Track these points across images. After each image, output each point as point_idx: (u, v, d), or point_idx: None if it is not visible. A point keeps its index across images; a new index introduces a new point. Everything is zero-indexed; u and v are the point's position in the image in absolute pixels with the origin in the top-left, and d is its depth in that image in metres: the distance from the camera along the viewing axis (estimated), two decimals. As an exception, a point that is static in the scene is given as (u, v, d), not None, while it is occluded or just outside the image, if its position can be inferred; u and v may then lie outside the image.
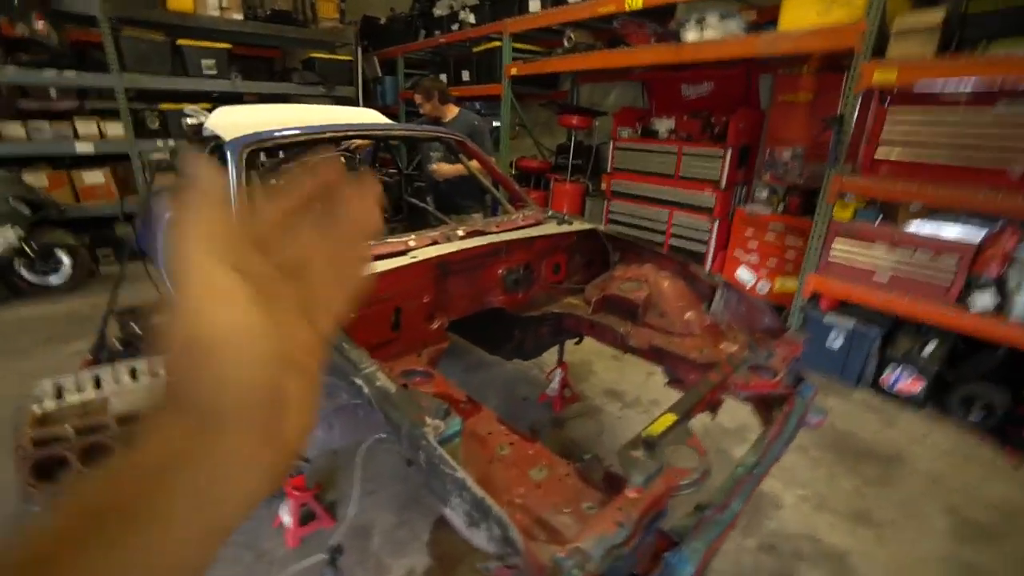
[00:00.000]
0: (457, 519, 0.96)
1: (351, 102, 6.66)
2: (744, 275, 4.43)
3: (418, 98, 3.50)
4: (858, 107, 3.04)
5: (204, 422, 0.27)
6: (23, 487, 1.75)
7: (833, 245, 3.33)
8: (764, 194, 4.53)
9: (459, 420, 1.03)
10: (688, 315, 1.99)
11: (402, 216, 3.23)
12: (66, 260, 4.64)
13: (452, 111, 3.53)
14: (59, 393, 2.04)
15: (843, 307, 3.42)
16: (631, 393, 3.07)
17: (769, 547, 2.06)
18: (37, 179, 4.88)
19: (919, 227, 3.08)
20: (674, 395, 1.98)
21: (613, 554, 0.89)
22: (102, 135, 5.37)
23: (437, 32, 6.15)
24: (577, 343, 2.56)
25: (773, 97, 4.36)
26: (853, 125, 3.09)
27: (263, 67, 8.33)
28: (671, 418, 1.24)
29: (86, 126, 5.29)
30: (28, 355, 3.46)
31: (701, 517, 1.06)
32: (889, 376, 3.21)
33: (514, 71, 4.95)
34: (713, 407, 1.73)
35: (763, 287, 4.31)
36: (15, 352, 3.51)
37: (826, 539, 2.11)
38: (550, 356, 3.17)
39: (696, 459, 1.12)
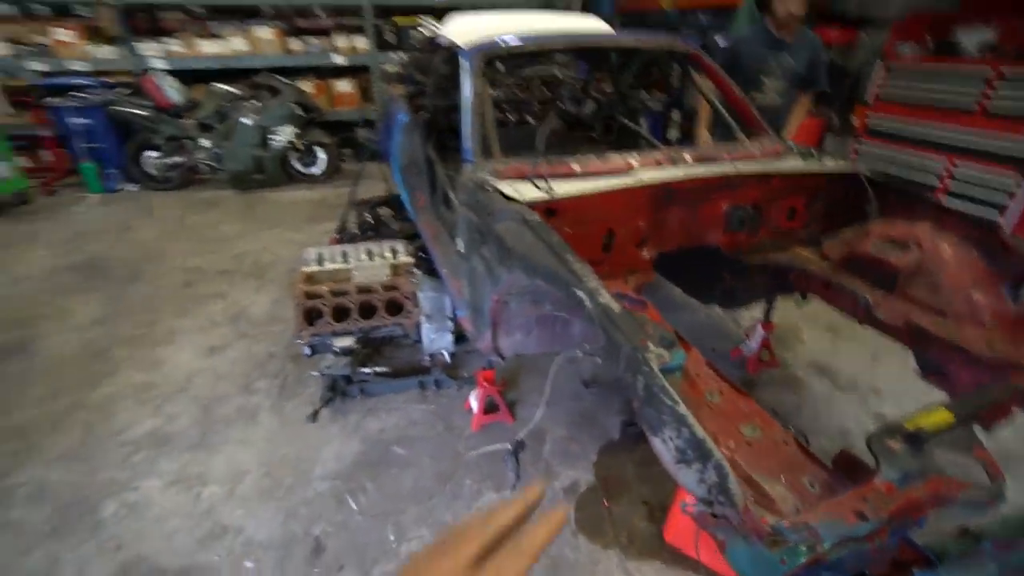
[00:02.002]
0: (666, 453, 0.91)
1: (571, 11, 6.41)
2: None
3: None
4: None
5: None
6: (297, 326, 2.26)
7: None
8: None
9: (683, 353, 0.95)
10: (977, 296, 1.51)
11: (612, 138, 3.07)
12: (322, 156, 5.64)
13: (799, 30, 2.85)
14: (320, 261, 2.53)
15: None
16: (846, 374, 2.60)
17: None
18: (306, 87, 5.87)
19: None
20: (919, 390, 1.60)
21: (847, 546, 0.75)
22: (353, 49, 6.15)
23: (672, -72, 5.40)
24: (803, 298, 2.18)
25: None
26: None
27: (485, -21, 8.48)
28: (946, 415, 0.97)
29: (341, 41, 6.10)
30: (298, 228, 4.40)
31: (975, 547, 0.83)
32: None
33: (763, -29, 4.11)
34: (991, 420, 1.34)
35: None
36: (289, 224, 4.48)
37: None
38: (747, 313, 2.84)
39: (983, 476, 0.86)
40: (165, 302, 3.25)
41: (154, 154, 5.20)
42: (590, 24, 2.75)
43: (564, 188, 1.57)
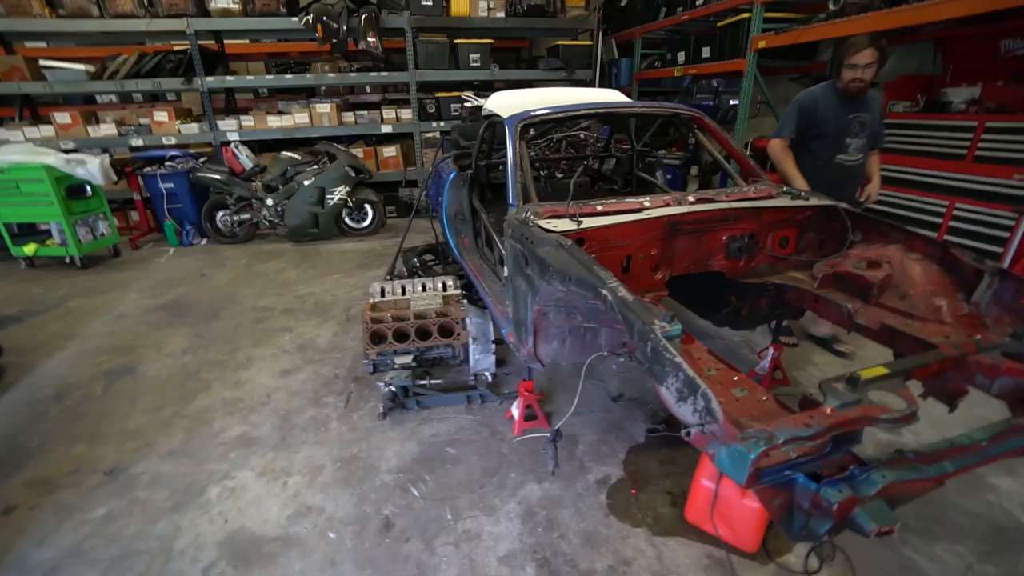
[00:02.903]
0: (669, 396, 1.25)
1: (588, 85, 7.16)
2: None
3: (869, 56, 2.61)
4: None
5: None
6: (365, 346, 2.67)
7: None
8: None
9: (680, 325, 1.30)
10: (938, 301, 1.82)
11: (631, 189, 3.52)
12: (370, 212, 6.30)
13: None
14: (382, 293, 2.98)
15: None
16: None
17: (1013, 578, 1.80)
18: (357, 152, 6.65)
19: None
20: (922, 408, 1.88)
21: (796, 444, 1.07)
22: (397, 119, 6.97)
23: (679, 9, 6.11)
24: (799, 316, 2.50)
25: None
26: None
27: (512, 57, 9.50)
28: (882, 370, 1.29)
29: (388, 113, 6.94)
30: (351, 274, 4.94)
31: (899, 456, 1.13)
32: None
33: (762, 44, 4.67)
34: (952, 397, 1.61)
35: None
36: (343, 271, 5.04)
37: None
38: (763, 338, 3.14)
39: (905, 406, 1.17)
40: (242, 335, 3.74)
41: (225, 212, 5.96)
42: (608, 95, 3.29)
43: (590, 222, 1.98)
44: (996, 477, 2.22)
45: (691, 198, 2.22)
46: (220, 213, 5.98)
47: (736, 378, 1.45)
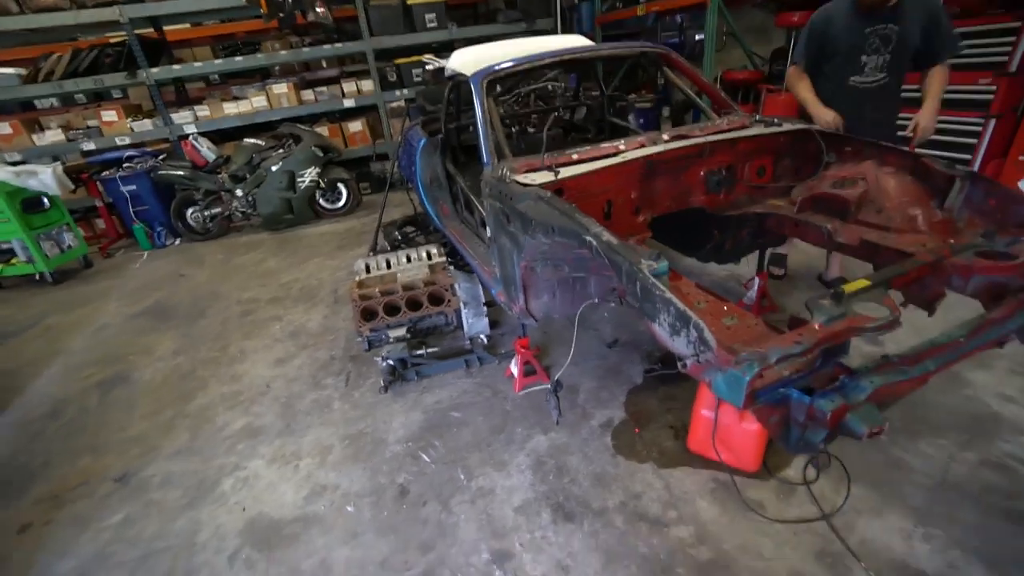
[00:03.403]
0: (663, 332, 1.27)
1: (550, 33, 6.93)
2: (1028, 189, 3.55)
3: None
4: None
5: None
6: (357, 325, 2.67)
7: None
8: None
9: (667, 262, 1.31)
10: (913, 211, 1.85)
11: (604, 136, 3.47)
12: (344, 191, 6.15)
13: None
14: (368, 269, 2.96)
15: None
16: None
17: (996, 464, 1.91)
18: (322, 131, 6.43)
19: None
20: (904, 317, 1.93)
21: (788, 362, 1.10)
22: (359, 91, 6.71)
23: (637, -56, 5.88)
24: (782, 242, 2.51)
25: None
26: None
27: (470, 13, 9.12)
28: (865, 283, 1.32)
29: (348, 86, 6.67)
30: (332, 256, 4.86)
31: (885, 361, 1.18)
32: None
33: (723, -29, 4.54)
34: (930, 302, 1.66)
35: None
36: (324, 253, 4.96)
37: (1086, 470, 1.85)
38: (748, 270, 3.19)
39: (888, 314, 1.20)
40: (231, 330, 3.70)
41: (194, 209, 5.78)
42: (572, 41, 3.18)
43: (567, 171, 1.96)
44: (971, 372, 2.33)
45: (665, 136, 2.19)
46: (190, 210, 5.80)
47: (726, 308, 1.47)
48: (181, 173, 5.58)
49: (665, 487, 1.97)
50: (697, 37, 6.72)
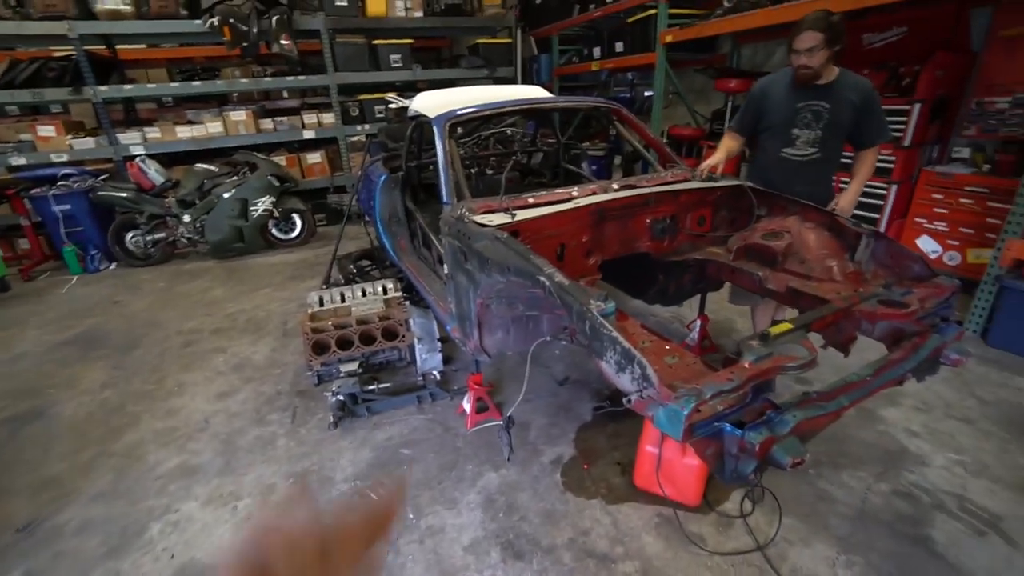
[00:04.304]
0: (609, 368, 1.35)
1: (510, 81, 7.28)
2: (927, 245, 4.00)
3: (810, 39, 2.29)
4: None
5: None
6: (307, 358, 2.61)
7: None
8: (965, 152, 3.99)
9: (614, 304, 1.41)
10: (830, 262, 2.07)
11: (559, 181, 3.65)
12: (299, 221, 6.06)
13: (834, 70, 2.45)
14: (321, 302, 2.92)
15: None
16: (772, 351, 3.14)
17: (905, 494, 2.09)
18: (279, 161, 6.37)
19: None
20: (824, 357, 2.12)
21: (721, 397, 1.21)
22: (320, 124, 6.73)
23: (592, 6, 6.35)
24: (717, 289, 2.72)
25: (990, 34, 3.77)
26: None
27: (434, 56, 9.45)
28: (788, 326, 1.47)
29: (309, 118, 6.69)
30: (283, 287, 4.74)
31: (806, 397, 1.31)
32: (1111, 361, 2.75)
33: (669, 38, 4.99)
34: (844, 344, 1.85)
35: (951, 258, 3.86)
36: (274, 284, 4.83)
37: (978, 500, 2.06)
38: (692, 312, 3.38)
39: (807, 355, 1.35)
40: (169, 361, 3.51)
41: (135, 233, 5.50)
42: (531, 92, 3.39)
43: (523, 214, 2.07)
44: (884, 409, 2.57)
45: (615, 185, 2.36)
46: (130, 234, 5.52)
47: (668, 347, 1.58)
48: (124, 195, 5.34)
49: (612, 523, 2.01)
50: (646, 93, 7.23)
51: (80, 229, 5.47)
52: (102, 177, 5.64)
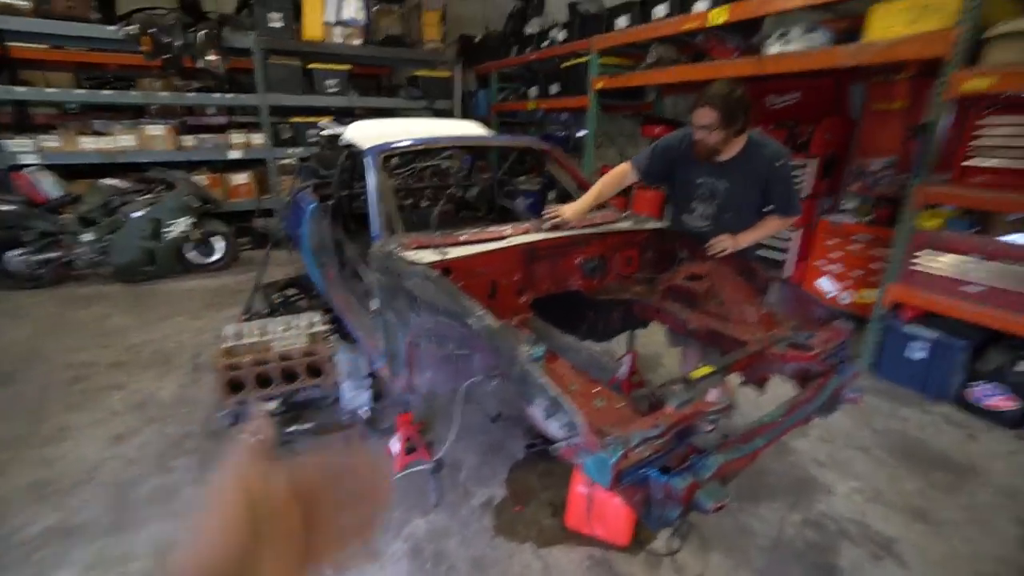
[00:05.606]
0: (538, 414, 1.34)
1: (448, 114, 7.36)
2: (826, 285, 4.41)
3: (705, 116, 2.18)
4: (954, 114, 3.02)
5: None
6: (219, 397, 2.40)
7: (918, 255, 3.31)
8: (852, 204, 4.49)
9: (544, 347, 1.41)
10: (744, 306, 2.23)
11: (493, 215, 3.69)
12: (220, 245, 5.68)
13: (738, 144, 2.29)
14: (239, 336, 2.71)
15: (928, 319, 3.37)
16: (695, 384, 3.29)
17: (814, 523, 2.23)
18: (201, 180, 5.98)
19: (1019, 238, 3.00)
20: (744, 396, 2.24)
21: (647, 444, 1.23)
22: (248, 144, 6.43)
23: (528, 49, 6.64)
24: (644, 326, 2.84)
25: (865, 105, 4.33)
26: (946, 132, 3.06)
27: (372, 84, 9.40)
28: (709, 369, 1.55)
29: (237, 137, 6.37)
30: (198, 315, 4.38)
31: (725, 440, 1.37)
32: (977, 391, 3.13)
33: (600, 85, 5.29)
34: (760, 383, 1.97)
35: (845, 297, 4.28)
36: (188, 312, 4.45)
37: (875, 526, 2.23)
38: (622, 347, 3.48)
39: (727, 399, 1.42)
40: (50, 400, 3.09)
41: (22, 251, 4.89)
42: (467, 128, 3.43)
43: (455, 252, 2.05)
44: (794, 441, 2.75)
45: (546, 225, 2.41)
46: (12, 253, 4.89)
47: (596, 389, 1.61)
48: (6, 208, 4.74)
49: (543, 568, 1.97)
50: (579, 133, 7.59)
51: (-55, 247, 4.79)
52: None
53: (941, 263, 3.21)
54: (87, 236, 4.91)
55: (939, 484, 2.52)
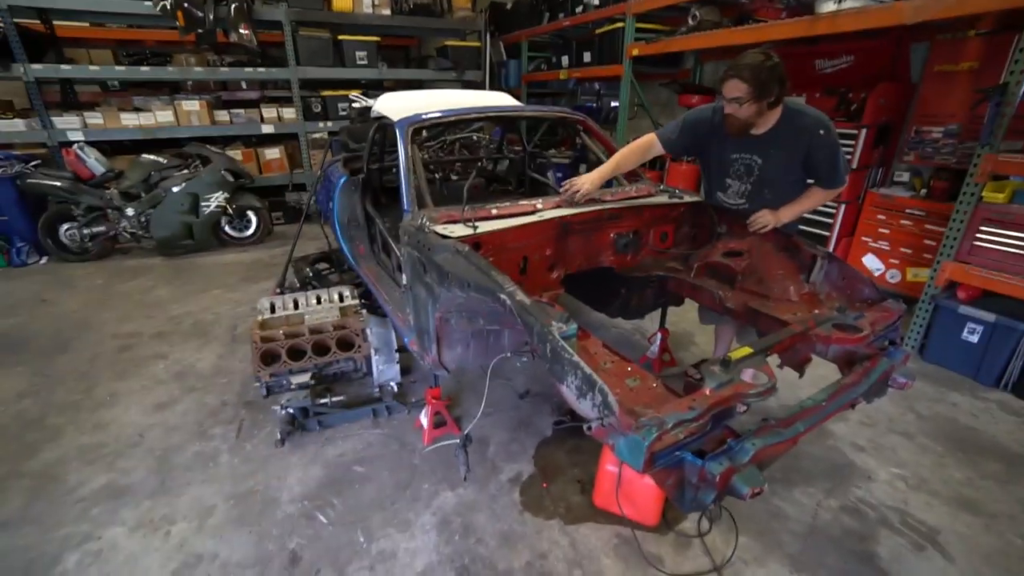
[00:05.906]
0: (570, 393, 1.31)
1: (478, 85, 7.21)
2: (871, 263, 4.18)
3: (734, 89, 2.00)
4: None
5: None
6: (255, 368, 2.46)
7: (980, 230, 3.07)
8: (905, 176, 4.21)
9: (576, 325, 1.37)
10: (786, 283, 2.11)
11: (524, 189, 3.62)
12: (254, 219, 5.79)
13: (773, 116, 2.12)
14: (273, 309, 2.76)
15: (985, 300, 3.15)
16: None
17: (852, 510, 2.15)
18: (234, 155, 6.07)
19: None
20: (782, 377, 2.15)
21: (683, 426, 1.18)
22: (279, 119, 6.47)
23: (561, 15, 6.37)
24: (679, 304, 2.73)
25: (927, 67, 3.99)
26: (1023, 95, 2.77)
27: (401, 55, 9.28)
28: (749, 350, 1.47)
29: (268, 112, 6.41)
30: (234, 288, 4.50)
31: (764, 424, 1.30)
32: (1039, 378, 2.93)
33: (635, 52, 5.04)
34: (800, 365, 1.88)
35: (893, 276, 4.05)
36: (225, 285, 4.58)
37: (918, 515, 2.13)
38: (652, 324, 3.40)
39: (767, 381, 1.35)
40: (101, 368, 3.25)
41: (71, 225, 5.11)
42: (498, 99, 3.33)
43: (486, 226, 2.00)
44: (833, 424, 2.64)
45: (564, 198, 2.33)
46: (65, 226, 5.11)
47: (629, 368, 1.55)
48: (59, 184, 4.94)
49: (571, 544, 1.97)
50: (612, 104, 7.32)
51: (4, 219, 5.04)
52: (33, 163, 5.20)
53: (1007, 239, 2.98)
54: (130, 211, 5.08)
55: (991, 474, 2.39)
